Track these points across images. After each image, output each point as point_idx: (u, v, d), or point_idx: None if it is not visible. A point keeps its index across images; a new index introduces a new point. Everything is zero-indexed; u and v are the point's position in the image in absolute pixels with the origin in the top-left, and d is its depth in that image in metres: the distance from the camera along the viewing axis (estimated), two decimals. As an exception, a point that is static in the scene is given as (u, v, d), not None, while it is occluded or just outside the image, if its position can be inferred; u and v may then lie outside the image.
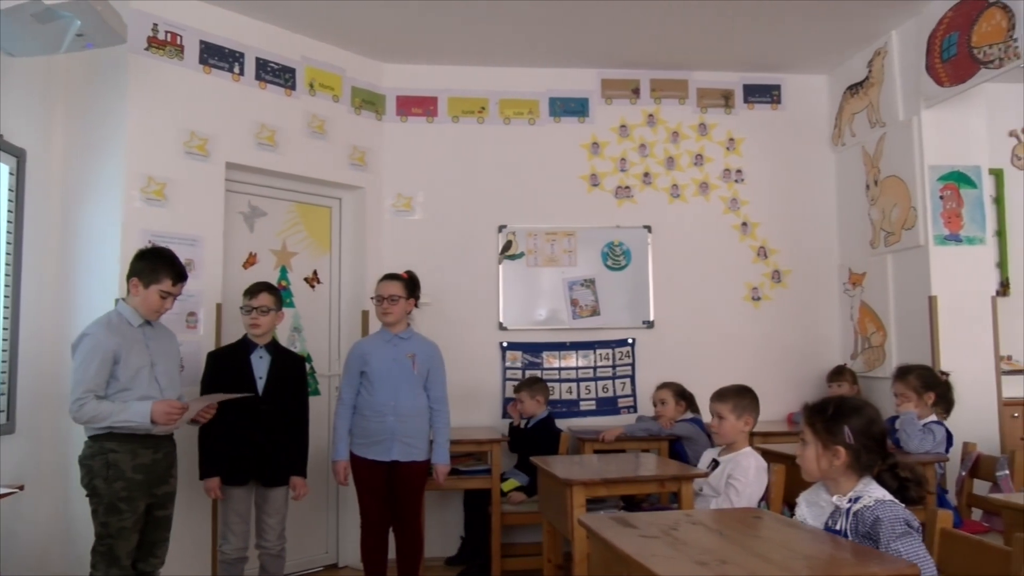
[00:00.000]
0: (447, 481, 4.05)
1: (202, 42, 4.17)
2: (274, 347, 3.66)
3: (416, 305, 3.92)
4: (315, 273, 4.82)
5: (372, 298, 3.89)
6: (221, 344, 3.95)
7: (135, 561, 3.04)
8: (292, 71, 4.60)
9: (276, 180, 4.59)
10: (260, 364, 3.57)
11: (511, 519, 4.42)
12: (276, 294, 3.67)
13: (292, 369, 3.69)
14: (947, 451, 3.71)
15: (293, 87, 4.60)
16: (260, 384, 3.54)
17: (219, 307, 4.11)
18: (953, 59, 4.20)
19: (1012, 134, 5.56)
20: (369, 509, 3.74)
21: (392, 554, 3.81)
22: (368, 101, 5.03)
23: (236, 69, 4.32)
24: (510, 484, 4.46)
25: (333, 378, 4.70)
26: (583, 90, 5.30)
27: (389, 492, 3.73)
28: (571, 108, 5.29)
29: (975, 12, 4.01)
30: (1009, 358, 5.03)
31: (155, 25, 3.96)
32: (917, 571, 1.79)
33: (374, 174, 5.03)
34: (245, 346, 3.61)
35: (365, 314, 4.75)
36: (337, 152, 4.81)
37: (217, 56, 4.24)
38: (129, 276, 3.13)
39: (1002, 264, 5.39)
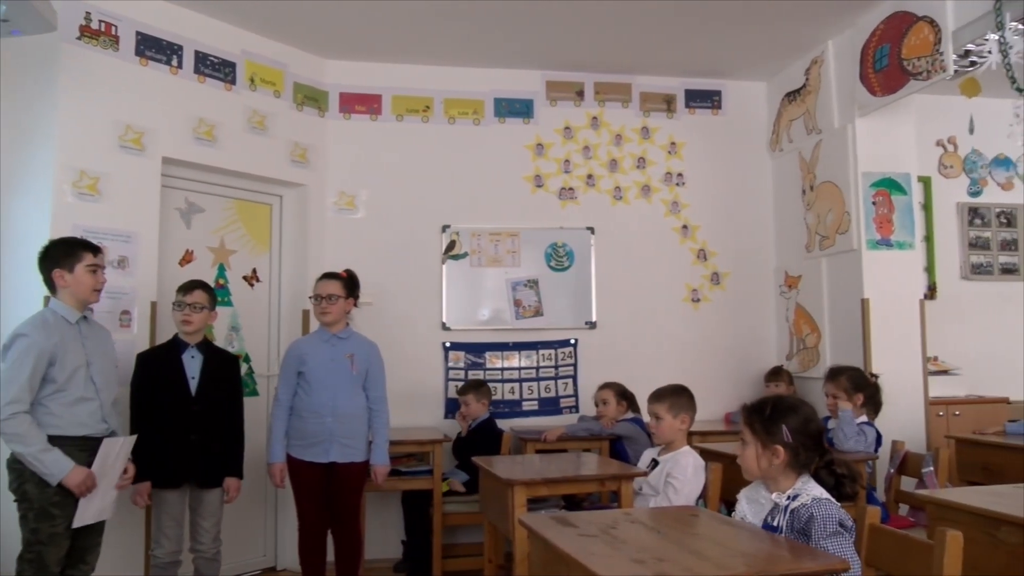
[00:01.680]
0: (388, 482, 4.02)
1: (138, 33, 4.06)
2: (206, 346, 3.58)
3: (356, 305, 3.88)
4: (254, 271, 4.74)
5: (310, 297, 3.84)
6: (156, 343, 3.85)
7: (64, 568, 2.94)
8: (232, 65, 4.51)
9: (214, 176, 4.49)
10: (192, 364, 3.49)
11: (452, 520, 4.41)
12: (211, 293, 3.59)
13: (226, 368, 3.62)
14: (876, 450, 3.83)
15: (233, 81, 4.51)
16: (192, 384, 3.46)
17: (154, 305, 4.00)
18: (885, 70, 4.33)
19: (939, 143, 5.77)
20: (307, 511, 3.68)
21: (331, 556, 3.77)
22: (310, 97, 4.97)
23: (174, 62, 4.22)
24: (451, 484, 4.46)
25: (272, 378, 4.62)
26: (528, 91, 5.32)
27: (327, 494, 3.69)
28: (516, 109, 5.30)
29: (905, 26, 4.15)
30: (935, 359, 5.22)
31: (88, 14, 3.84)
32: (847, 566, 1.85)
33: (316, 171, 4.96)
34: (176, 346, 3.52)
35: (306, 314, 4.68)
36: (278, 149, 4.74)
37: (154, 48, 4.13)
38: (49, 272, 3.02)
39: (930, 268, 5.59)
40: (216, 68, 4.43)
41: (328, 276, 3.81)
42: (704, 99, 5.55)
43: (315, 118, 4.99)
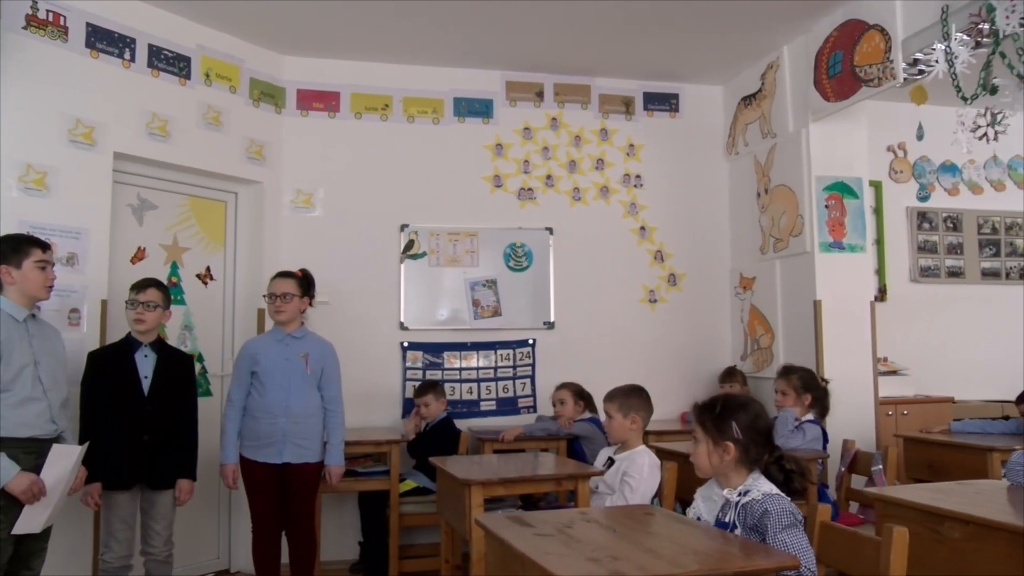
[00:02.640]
0: (344, 483, 3.99)
1: (89, 25, 3.96)
2: (160, 345, 3.51)
3: (311, 304, 3.84)
4: (208, 269, 4.66)
5: (264, 296, 3.79)
6: (106, 343, 3.76)
7: (7, 574, 2.86)
8: (187, 60, 4.43)
9: (168, 172, 4.41)
10: (145, 363, 3.42)
11: (409, 520, 4.39)
12: (165, 291, 3.52)
13: (179, 368, 3.55)
14: (824, 449, 3.91)
15: (188, 76, 4.43)
16: (145, 384, 3.39)
17: (104, 304, 3.91)
18: (838, 76, 4.42)
19: (890, 149, 5.91)
20: (261, 513, 3.63)
21: (285, 558, 3.72)
22: (267, 94, 4.90)
23: (126, 55, 4.13)
24: (408, 485, 4.43)
25: (226, 378, 4.54)
26: (488, 91, 5.32)
27: (281, 495, 3.64)
28: (475, 109, 5.30)
29: (857, 33, 4.24)
30: (885, 360, 5.34)
31: (35, 3, 3.74)
32: (797, 563, 1.88)
33: (272, 169, 4.90)
34: (129, 345, 3.44)
35: (261, 313, 4.62)
36: (233, 145, 4.67)
37: (106, 40, 4.04)
38: None
39: (880, 271, 5.72)
40: (170, 62, 4.35)
41: (283, 275, 3.77)
42: (662, 102, 5.61)
43: (272, 115, 4.93)
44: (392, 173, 5.13)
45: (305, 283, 3.78)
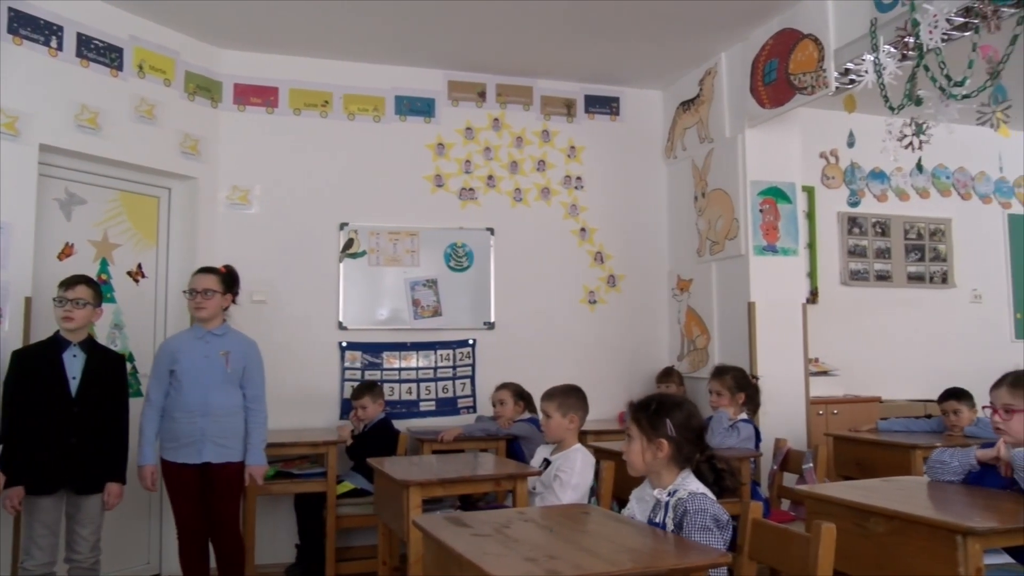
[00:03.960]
0: (280, 485, 3.92)
1: (11, 10, 3.81)
2: (89, 345, 3.40)
3: (234, 301, 3.74)
4: (139, 267, 4.53)
5: (184, 292, 3.69)
6: (30, 341, 3.62)
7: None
8: (119, 50, 4.30)
9: (98, 166, 4.27)
10: (74, 363, 3.31)
11: (346, 522, 4.34)
12: (95, 288, 3.41)
13: (110, 368, 3.44)
14: (757, 447, 4.00)
15: (120, 67, 4.30)
16: (73, 385, 3.28)
17: (28, 301, 3.77)
18: (773, 83, 4.52)
19: (823, 156, 6.07)
20: (185, 516, 3.54)
21: (214, 563, 3.64)
22: (203, 87, 4.79)
23: (53, 43, 3.99)
24: (345, 487, 4.39)
25: (158, 378, 4.42)
26: (430, 90, 5.30)
27: (205, 497, 3.56)
28: (417, 107, 5.27)
29: (792, 42, 4.35)
30: (816, 360, 5.49)
31: (-43, -12, 3.59)
32: (728, 560, 1.92)
33: (208, 164, 4.79)
34: (56, 344, 3.32)
35: (195, 311, 4.51)
36: (167, 139, 4.55)
37: (30, 27, 3.89)
38: None
39: (812, 274, 5.87)
40: (101, 52, 4.21)
41: (205, 270, 3.68)
42: (603, 105, 5.67)
43: (207, 109, 4.82)
44: (331, 171, 5.06)
45: (228, 279, 3.69)
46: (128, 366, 4.25)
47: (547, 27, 4.65)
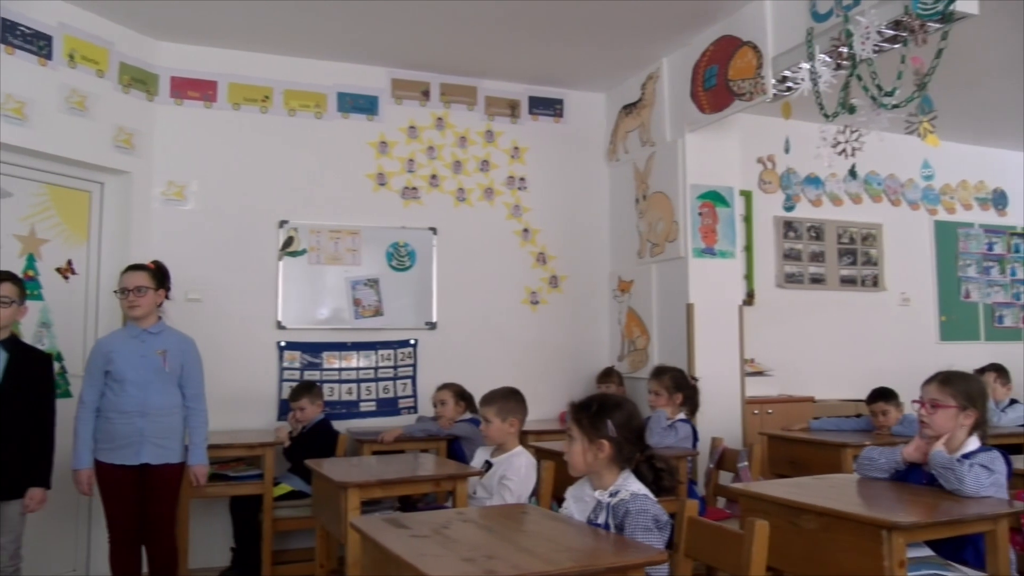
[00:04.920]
0: (215, 487, 3.84)
1: (-66, -5, 3.66)
2: (13, 343, 3.27)
3: (167, 297, 3.66)
4: (69, 263, 4.39)
5: (115, 291, 3.59)
6: (-51, 340, 3.47)
7: None
8: (48, 38, 4.16)
9: (24, 158, 4.11)
10: (-4, 363, 3.18)
11: (283, 525, 4.28)
12: (20, 285, 3.29)
13: (35, 368, 3.31)
14: (695, 446, 4.07)
15: (49, 56, 4.16)
16: (-6, 385, 3.15)
17: (-52, 297, 3.61)
18: (713, 89, 4.61)
19: (760, 161, 6.20)
20: (118, 519, 3.43)
21: (146, 567, 3.54)
22: (138, 80, 4.66)
23: (-23, 30, 3.83)
24: (282, 489, 4.32)
25: (87, 378, 4.29)
26: (373, 88, 5.25)
27: (140, 499, 3.46)
28: (360, 105, 5.21)
29: (731, 48, 4.43)
30: (752, 361, 5.60)
31: None
32: (666, 558, 1.94)
33: (142, 158, 4.66)
34: (-22, 343, 3.20)
35: (127, 309, 4.39)
36: (100, 132, 4.41)
37: (-47, 13, 3.74)
38: None
39: (748, 276, 5.99)
40: (28, 40, 4.06)
41: (134, 268, 3.59)
42: (547, 107, 5.69)
43: (143, 102, 4.69)
44: (271, 167, 4.98)
45: (159, 275, 3.60)
46: (56, 366, 4.11)
47: (492, 27, 4.65)
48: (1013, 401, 4.93)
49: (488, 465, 3.33)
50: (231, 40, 4.83)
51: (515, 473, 3.18)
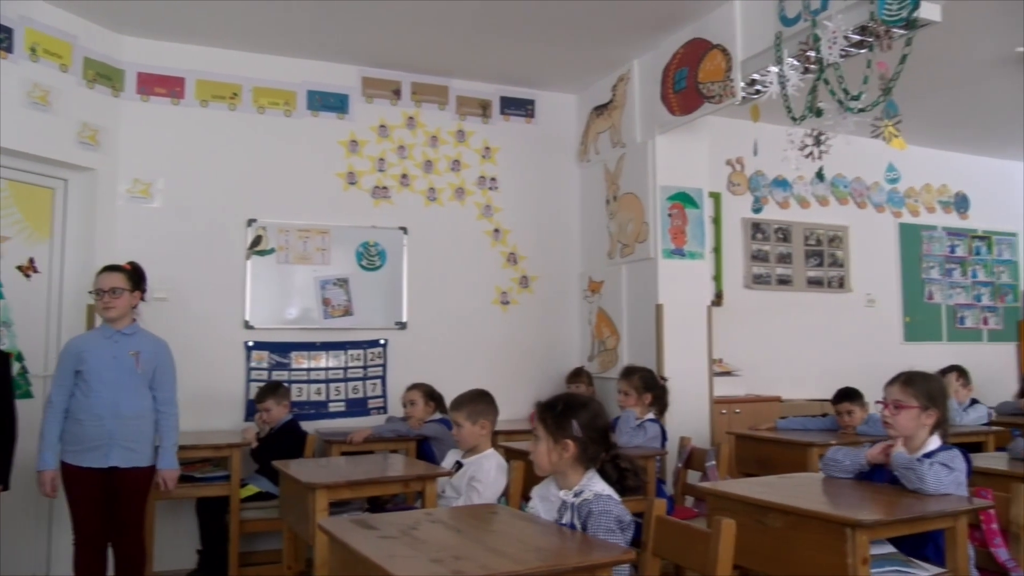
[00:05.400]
0: (181, 489, 3.80)
1: None
2: (-28, 343, 3.21)
3: (143, 299, 3.62)
4: (31, 261, 4.30)
5: (91, 292, 3.54)
6: (-95, 339, 3.40)
7: None
8: (8, 31, 4.07)
9: (-15, 154, 4.04)
10: (-48, 362, 3.12)
11: (250, 527, 4.23)
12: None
13: (-5, 368, 3.26)
14: (663, 446, 4.10)
15: (9, 49, 4.07)
16: (-50, 385, 3.09)
17: (-96, 296, 3.54)
18: (683, 91, 4.64)
19: (729, 163, 6.26)
20: (84, 522, 3.38)
21: (111, 570, 3.49)
22: (104, 75, 4.59)
23: (-65, 22, 3.75)
24: (249, 490, 4.27)
25: (49, 379, 4.19)
26: (343, 86, 5.22)
27: (107, 502, 3.41)
28: (330, 103, 5.18)
29: (701, 51, 4.47)
30: (720, 361, 5.66)
31: None
32: (632, 557, 1.95)
33: (108, 155, 4.59)
34: (-64, 341, 3.13)
35: (91, 309, 4.31)
36: (64, 128, 4.33)
37: (-89, 4, 3.65)
38: None
39: (717, 277, 6.05)
40: (-10, 34, 3.98)
41: (110, 268, 3.54)
42: (518, 107, 5.70)
43: (108, 97, 4.62)
44: (240, 165, 4.93)
45: (135, 276, 3.56)
46: (16, 366, 4.04)
47: (463, 27, 4.64)
48: (974, 401, 5.03)
49: (459, 465, 3.32)
50: (199, 36, 4.77)
51: (485, 475, 3.17)
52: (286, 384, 4.71)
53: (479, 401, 3.35)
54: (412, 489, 3.37)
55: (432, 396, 4.65)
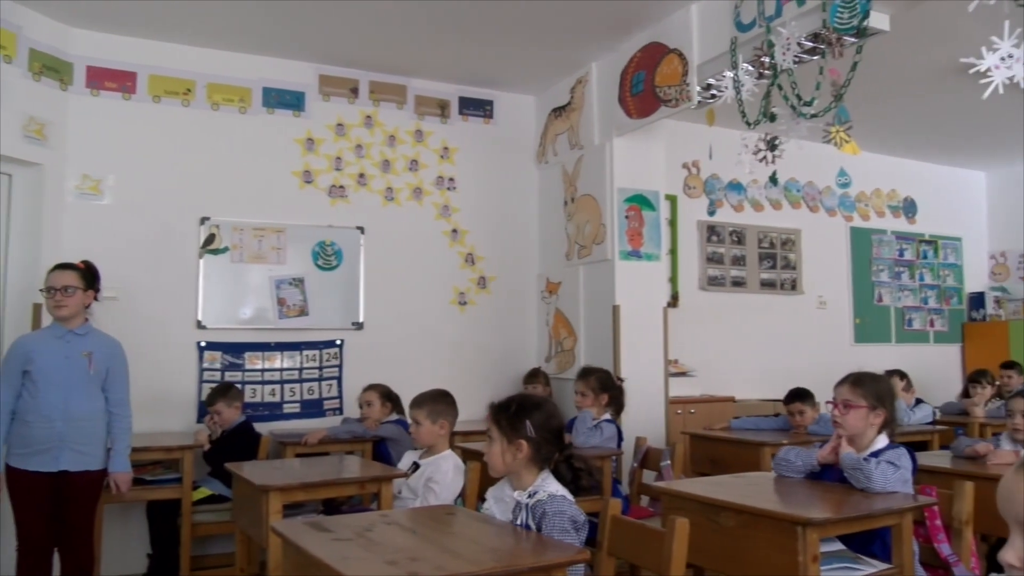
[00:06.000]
0: (131, 492, 3.71)
1: None
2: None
3: (96, 298, 3.54)
4: (-26, 258, 4.18)
5: (42, 290, 3.45)
6: None
7: None
8: (-49, 22, 3.96)
9: (-75, 147, 3.91)
10: None
11: (202, 530, 4.16)
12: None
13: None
14: (619, 446, 4.13)
15: (-48, 41, 3.96)
16: None
17: None
18: (640, 94, 4.68)
19: (685, 166, 6.33)
20: (30, 528, 3.29)
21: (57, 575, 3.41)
22: (51, 68, 4.47)
23: None
24: (202, 493, 4.20)
25: (-8, 379, 4.09)
26: (300, 83, 5.16)
27: (55, 507, 3.32)
28: (286, 101, 5.12)
29: (658, 55, 4.51)
30: (676, 362, 5.72)
31: None
32: (587, 556, 1.96)
33: (55, 150, 4.47)
34: None
35: (37, 308, 4.20)
36: (8, 121, 4.21)
37: None
38: None
39: (673, 279, 6.11)
40: (-69, 23, 3.86)
41: (63, 266, 3.46)
42: (477, 108, 5.69)
43: (55, 91, 4.51)
44: (193, 162, 4.84)
45: (89, 275, 3.49)
46: (-42, 366, 3.92)
47: (422, 26, 4.62)
48: (920, 401, 5.16)
49: (416, 466, 3.31)
50: (152, 30, 4.68)
51: (442, 477, 3.16)
52: (239, 385, 4.64)
53: (440, 401, 3.34)
54: (368, 491, 3.34)
55: (389, 397, 4.62)
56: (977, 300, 7.62)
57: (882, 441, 2.74)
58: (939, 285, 7.58)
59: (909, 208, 7.49)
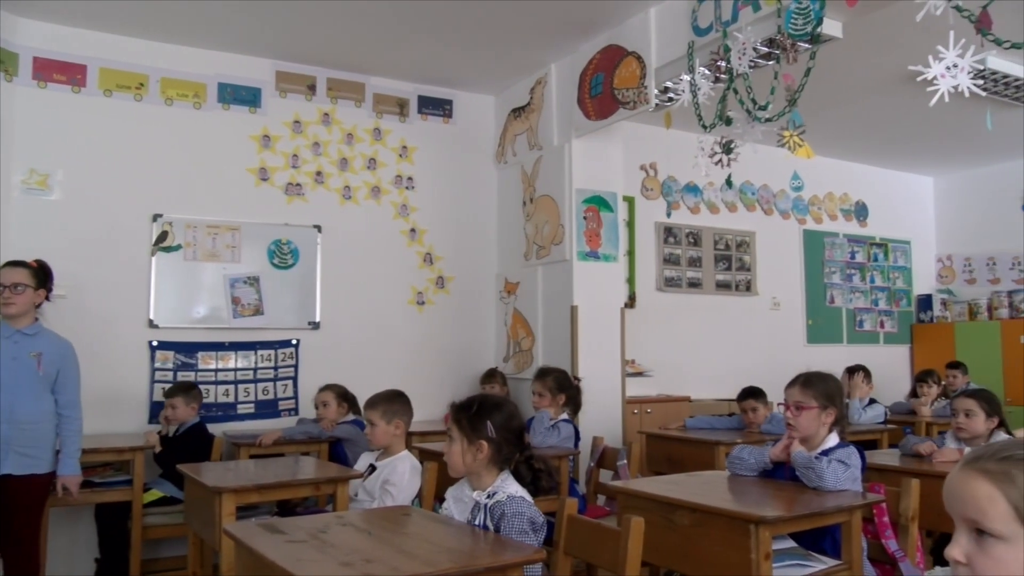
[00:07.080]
0: (80, 495, 3.63)
1: None
2: None
3: (47, 298, 3.45)
4: (-86, 254, 4.04)
5: None
6: None
7: None
8: None
9: None
10: None
11: (153, 533, 4.08)
12: None
13: None
14: (576, 446, 4.15)
15: None
16: None
17: None
18: (599, 96, 4.71)
19: (643, 168, 6.39)
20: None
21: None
22: (-4, 59, 4.35)
23: None
24: (153, 495, 4.12)
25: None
26: (256, 79, 5.09)
27: None
28: (242, 96, 5.04)
29: (617, 58, 4.55)
30: (633, 362, 5.77)
31: None
32: (543, 556, 1.97)
33: (1, 144, 4.35)
34: None
35: (-19, 305, 4.08)
36: (-49, 114, 4.09)
37: None
38: None
39: (630, 280, 6.16)
40: None
41: (13, 264, 3.37)
42: (436, 107, 5.67)
43: (0, 82, 4.38)
44: (145, 158, 4.74)
45: (41, 274, 3.40)
46: None
47: (381, 23, 4.59)
48: (872, 401, 5.28)
49: (372, 468, 3.28)
50: (103, 22, 4.57)
51: (399, 478, 3.14)
52: (198, 387, 4.55)
53: (395, 401, 3.32)
54: (323, 492, 3.31)
55: (345, 397, 4.58)
56: (925, 302, 7.82)
57: (833, 440, 2.79)
58: (889, 287, 7.76)
59: (860, 212, 7.65)
